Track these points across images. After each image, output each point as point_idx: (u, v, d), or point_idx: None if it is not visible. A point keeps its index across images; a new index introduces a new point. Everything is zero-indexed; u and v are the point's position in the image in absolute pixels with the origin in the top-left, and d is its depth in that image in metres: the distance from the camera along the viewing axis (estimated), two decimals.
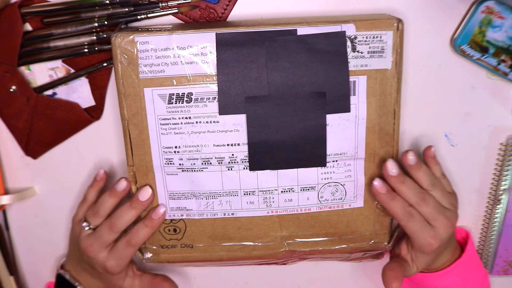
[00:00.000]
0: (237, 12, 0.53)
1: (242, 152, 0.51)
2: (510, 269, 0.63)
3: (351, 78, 0.50)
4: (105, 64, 0.54)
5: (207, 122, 0.50)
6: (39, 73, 0.56)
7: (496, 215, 0.61)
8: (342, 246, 0.56)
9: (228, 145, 0.51)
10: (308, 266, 0.65)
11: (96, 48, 0.53)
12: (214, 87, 0.50)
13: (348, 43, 0.49)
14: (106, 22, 0.52)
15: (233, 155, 0.52)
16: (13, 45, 0.52)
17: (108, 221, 0.52)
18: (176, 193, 0.53)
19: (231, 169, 0.52)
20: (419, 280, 0.57)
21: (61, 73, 0.56)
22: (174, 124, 0.50)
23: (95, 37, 0.53)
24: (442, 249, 0.54)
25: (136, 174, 0.53)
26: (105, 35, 0.53)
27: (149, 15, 0.53)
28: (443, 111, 0.58)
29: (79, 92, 0.56)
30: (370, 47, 0.49)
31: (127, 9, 0.52)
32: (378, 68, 0.50)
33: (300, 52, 0.49)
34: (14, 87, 0.54)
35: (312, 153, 0.52)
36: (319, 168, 0.53)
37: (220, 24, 0.51)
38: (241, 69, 0.49)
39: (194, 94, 0.50)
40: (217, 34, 0.49)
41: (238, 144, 0.51)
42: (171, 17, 0.53)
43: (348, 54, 0.49)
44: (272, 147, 0.51)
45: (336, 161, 0.53)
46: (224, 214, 0.54)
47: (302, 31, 0.49)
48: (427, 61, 0.56)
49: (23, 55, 0.54)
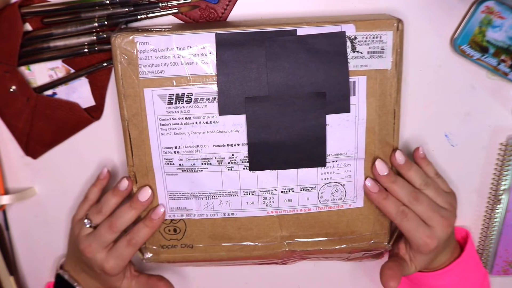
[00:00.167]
0: (237, 12, 0.53)
1: (242, 153, 0.52)
2: (510, 269, 0.63)
3: (351, 78, 0.50)
4: (105, 64, 0.54)
5: (207, 123, 0.50)
6: (39, 73, 0.56)
7: (496, 215, 0.61)
8: (342, 246, 0.56)
9: (228, 146, 0.51)
10: (308, 266, 0.65)
11: (96, 48, 0.53)
12: (214, 88, 0.50)
13: (348, 43, 0.49)
14: (106, 22, 0.52)
15: (233, 156, 0.52)
16: (13, 45, 0.52)
17: (108, 221, 0.52)
18: (176, 193, 0.53)
19: (231, 169, 0.52)
20: (418, 280, 0.57)
21: (61, 73, 0.56)
22: (174, 125, 0.50)
23: (95, 37, 0.53)
24: (441, 249, 0.54)
25: (136, 174, 0.53)
26: (105, 35, 0.53)
27: (149, 15, 0.53)
28: (443, 111, 0.58)
29: (79, 92, 0.56)
30: (370, 47, 0.49)
31: (127, 9, 0.52)
32: (378, 68, 0.50)
33: (300, 52, 0.49)
34: (14, 87, 0.55)
35: (312, 153, 0.52)
36: (319, 168, 0.53)
37: (220, 24, 0.51)
38: (241, 70, 0.49)
39: (194, 95, 0.50)
40: (217, 35, 0.48)
41: (238, 145, 0.51)
42: (171, 17, 0.53)
43: (348, 54, 0.49)
44: (272, 147, 0.51)
45: (336, 161, 0.53)
46: (224, 214, 0.54)
47: (302, 31, 0.49)
48: (427, 61, 0.56)
49: (23, 55, 0.54)
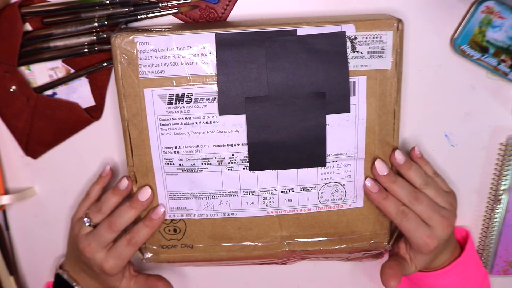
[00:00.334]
0: (237, 12, 0.53)
1: (242, 153, 0.51)
2: (510, 269, 0.63)
3: (351, 78, 0.50)
4: (105, 64, 0.54)
5: (207, 123, 0.50)
6: (39, 73, 0.56)
7: (496, 215, 0.61)
8: (342, 246, 0.56)
9: (228, 146, 0.51)
10: (308, 266, 0.65)
11: (96, 48, 0.53)
12: (214, 88, 0.50)
13: (348, 43, 0.49)
14: (106, 22, 0.52)
15: (233, 156, 0.52)
16: (13, 45, 0.52)
17: (108, 220, 0.52)
18: (176, 193, 0.53)
19: (231, 169, 0.52)
20: (418, 279, 0.57)
21: (61, 73, 0.56)
22: (174, 125, 0.50)
23: (95, 37, 0.53)
24: (441, 249, 0.54)
25: (136, 174, 0.53)
26: (105, 35, 0.53)
27: (149, 15, 0.53)
28: (443, 111, 0.58)
29: (79, 92, 0.56)
30: (370, 47, 0.49)
31: (127, 9, 0.52)
32: (378, 68, 0.50)
33: (300, 52, 0.49)
34: (14, 87, 0.54)
35: (312, 153, 0.52)
36: (319, 168, 0.53)
37: (220, 24, 0.51)
38: (241, 70, 0.49)
39: (194, 95, 0.50)
40: (217, 35, 0.48)
41: (238, 145, 0.51)
42: (171, 17, 0.53)
43: (348, 54, 0.49)
44: (272, 147, 0.51)
45: (336, 161, 0.53)
46: (224, 214, 0.54)
47: (302, 31, 0.49)
48: (427, 61, 0.56)
49: (23, 55, 0.54)
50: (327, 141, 0.51)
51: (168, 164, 0.52)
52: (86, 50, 0.53)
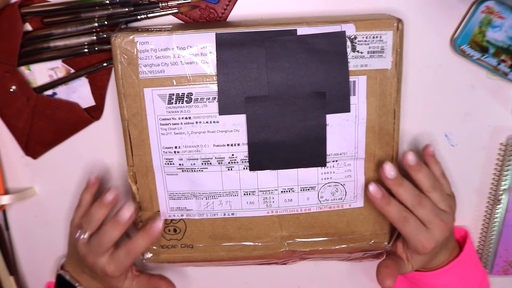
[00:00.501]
0: (237, 12, 0.53)
1: (242, 152, 0.51)
2: (510, 269, 0.63)
3: (351, 78, 0.50)
4: (105, 64, 0.54)
5: (207, 122, 0.50)
6: (39, 73, 0.56)
7: (496, 215, 0.61)
8: (342, 246, 0.56)
9: (228, 145, 0.51)
10: (308, 266, 0.65)
11: (96, 48, 0.53)
12: (214, 87, 0.50)
13: (348, 43, 0.49)
14: (106, 22, 0.52)
15: (233, 155, 0.52)
16: (13, 45, 0.52)
17: (98, 235, 0.51)
18: (176, 193, 0.53)
19: (231, 169, 0.52)
20: (417, 279, 0.57)
21: (61, 73, 0.56)
22: (174, 124, 0.50)
23: (95, 37, 0.53)
24: (438, 250, 0.54)
25: (136, 174, 0.53)
26: (105, 35, 0.53)
27: (149, 15, 0.53)
28: (443, 111, 0.58)
29: (79, 92, 0.56)
30: (370, 47, 0.49)
31: (127, 9, 0.52)
32: (378, 68, 0.50)
33: (300, 52, 0.49)
34: (14, 87, 0.54)
35: (312, 153, 0.52)
36: (319, 168, 0.53)
37: (220, 24, 0.51)
38: (241, 69, 0.49)
39: (194, 94, 0.50)
40: (217, 34, 0.48)
41: (238, 144, 0.51)
42: (171, 17, 0.53)
43: (348, 54, 0.49)
44: (272, 147, 0.51)
45: (336, 161, 0.53)
46: (224, 214, 0.54)
47: (302, 31, 0.49)
48: (427, 61, 0.56)
49: (23, 55, 0.54)
50: (327, 141, 0.51)
51: (168, 164, 0.52)
52: (86, 50, 0.53)
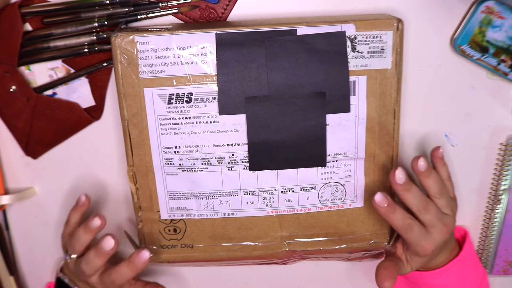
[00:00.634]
0: (237, 12, 0.53)
1: (242, 152, 0.51)
2: (510, 269, 0.63)
3: (351, 78, 0.50)
4: (105, 64, 0.54)
5: (207, 122, 0.50)
6: (39, 73, 0.56)
7: (496, 215, 0.61)
8: (342, 246, 0.56)
9: (228, 145, 0.51)
10: (308, 266, 0.65)
11: (96, 48, 0.53)
12: (214, 87, 0.50)
13: (348, 43, 0.49)
14: (106, 22, 0.52)
15: (233, 155, 0.52)
16: (13, 45, 0.52)
17: (82, 262, 0.52)
18: (176, 193, 0.53)
19: (231, 169, 0.52)
20: (417, 279, 0.57)
21: (61, 73, 0.56)
22: (174, 124, 0.50)
23: (95, 37, 0.53)
24: (438, 251, 0.54)
25: (136, 174, 0.53)
26: (105, 35, 0.53)
27: (149, 15, 0.52)
28: (443, 111, 0.58)
29: (79, 92, 0.56)
30: (370, 47, 0.49)
31: (127, 9, 0.52)
32: (378, 68, 0.50)
33: (300, 52, 0.49)
34: (14, 87, 0.54)
35: (312, 153, 0.52)
36: (319, 168, 0.53)
37: (220, 24, 0.51)
38: (241, 69, 0.49)
39: (194, 94, 0.50)
40: (217, 34, 0.48)
41: (238, 144, 0.51)
42: (171, 17, 0.53)
43: (348, 54, 0.49)
44: (272, 147, 0.51)
45: (336, 161, 0.53)
46: (224, 214, 0.54)
47: (302, 31, 0.49)
48: (427, 61, 0.56)
49: (23, 55, 0.54)
50: (327, 141, 0.51)
51: (168, 164, 0.52)
52: (86, 50, 0.53)
